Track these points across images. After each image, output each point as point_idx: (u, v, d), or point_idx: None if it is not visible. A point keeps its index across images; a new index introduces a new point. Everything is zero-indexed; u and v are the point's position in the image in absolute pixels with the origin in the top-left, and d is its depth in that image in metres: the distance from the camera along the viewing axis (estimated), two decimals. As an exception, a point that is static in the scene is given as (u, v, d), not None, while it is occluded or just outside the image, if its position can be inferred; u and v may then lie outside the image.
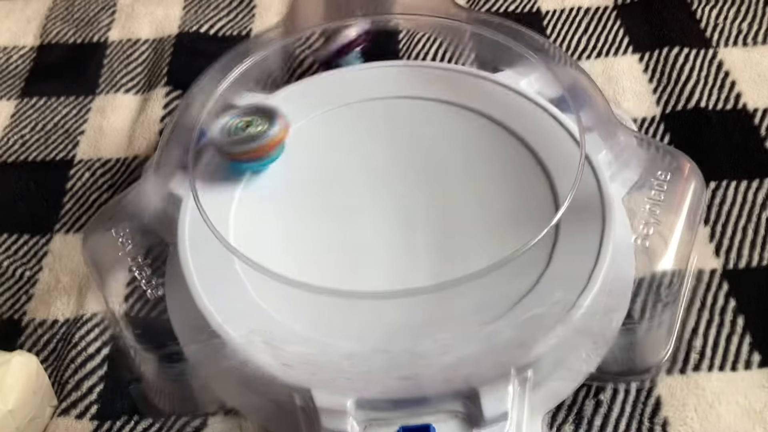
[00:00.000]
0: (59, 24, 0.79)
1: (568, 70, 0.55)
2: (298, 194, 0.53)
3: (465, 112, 0.57)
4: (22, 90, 0.72)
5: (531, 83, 0.58)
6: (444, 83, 0.59)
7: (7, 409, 0.45)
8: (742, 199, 0.57)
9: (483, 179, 0.53)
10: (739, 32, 0.70)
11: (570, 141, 0.53)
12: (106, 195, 0.63)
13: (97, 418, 0.49)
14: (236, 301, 0.47)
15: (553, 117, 0.55)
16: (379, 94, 0.59)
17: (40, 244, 0.60)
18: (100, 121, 0.69)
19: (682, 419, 0.46)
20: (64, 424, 0.49)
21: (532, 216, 0.50)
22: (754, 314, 0.51)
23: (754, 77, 0.66)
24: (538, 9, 0.75)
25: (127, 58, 0.74)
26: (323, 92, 0.60)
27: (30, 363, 0.47)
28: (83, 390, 0.50)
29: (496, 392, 0.42)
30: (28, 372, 0.47)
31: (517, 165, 0.53)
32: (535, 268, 0.46)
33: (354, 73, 0.61)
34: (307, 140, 0.56)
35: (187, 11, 0.78)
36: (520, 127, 0.55)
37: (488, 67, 0.61)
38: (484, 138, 0.55)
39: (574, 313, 0.44)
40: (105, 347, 0.52)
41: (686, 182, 0.48)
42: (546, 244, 0.47)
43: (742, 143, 0.61)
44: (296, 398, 0.43)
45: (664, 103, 0.65)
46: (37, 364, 0.48)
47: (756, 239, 0.55)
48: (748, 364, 0.48)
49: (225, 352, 0.45)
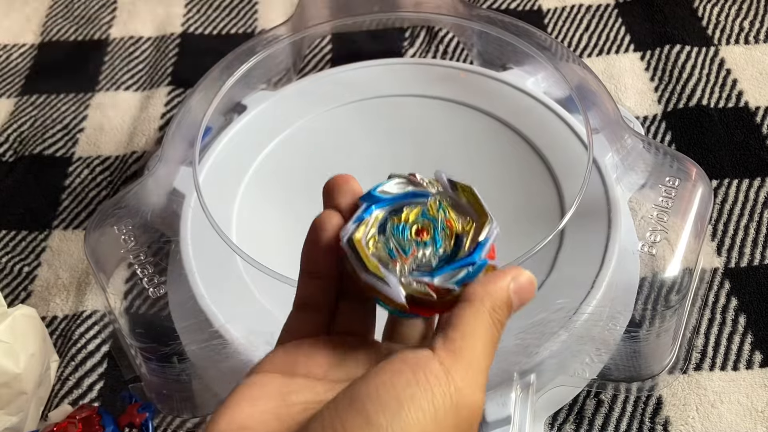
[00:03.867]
0: (60, 21, 0.78)
1: (575, 69, 0.55)
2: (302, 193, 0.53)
3: (470, 111, 0.57)
4: (22, 87, 0.72)
5: (538, 82, 0.58)
6: (449, 82, 0.59)
7: (17, 372, 0.45)
8: (743, 198, 0.57)
9: (488, 180, 0.53)
10: (741, 30, 0.70)
11: (576, 142, 0.53)
12: (104, 192, 0.63)
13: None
14: (239, 301, 0.46)
15: (559, 117, 0.55)
16: (383, 93, 0.59)
17: (38, 240, 0.60)
18: (100, 119, 0.68)
19: (684, 419, 0.46)
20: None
21: (537, 218, 0.50)
22: (755, 313, 0.51)
23: (755, 75, 0.66)
24: (540, 7, 0.74)
25: (129, 56, 0.74)
26: (329, 90, 0.59)
27: (33, 316, 0.47)
28: (84, 387, 0.50)
29: (498, 397, 0.42)
30: (34, 326, 0.46)
31: (523, 165, 0.53)
32: (540, 272, 0.46)
33: (359, 71, 0.61)
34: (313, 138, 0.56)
35: (189, 9, 0.78)
36: (526, 127, 0.55)
37: (495, 66, 0.60)
38: (489, 137, 0.55)
39: (577, 319, 0.44)
40: (105, 344, 0.52)
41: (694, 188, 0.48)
42: (551, 248, 0.47)
43: (743, 141, 0.61)
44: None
45: (666, 101, 0.64)
46: (37, 317, 0.48)
47: (758, 238, 0.55)
48: (749, 363, 0.49)
49: (227, 352, 0.44)
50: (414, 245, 0.29)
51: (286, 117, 0.57)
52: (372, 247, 0.29)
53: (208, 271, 0.47)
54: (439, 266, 0.29)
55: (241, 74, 0.54)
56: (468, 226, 0.29)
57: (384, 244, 0.29)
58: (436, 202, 0.30)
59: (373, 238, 0.29)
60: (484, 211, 0.29)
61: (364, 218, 0.29)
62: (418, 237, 0.29)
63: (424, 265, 0.29)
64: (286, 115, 0.57)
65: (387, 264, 0.28)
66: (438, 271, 0.28)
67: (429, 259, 0.29)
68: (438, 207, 0.30)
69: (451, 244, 0.29)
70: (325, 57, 0.71)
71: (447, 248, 0.29)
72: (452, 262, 0.29)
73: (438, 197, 0.30)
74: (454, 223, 0.30)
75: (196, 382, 0.48)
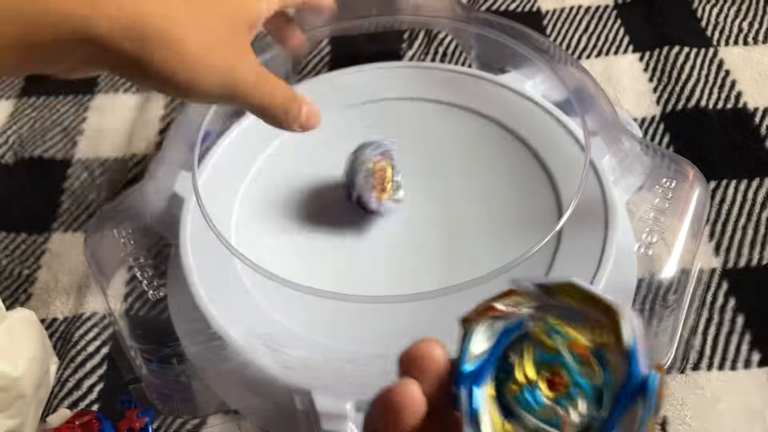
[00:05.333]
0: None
1: (573, 72, 0.55)
2: (301, 196, 0.53)
3: (468, 114, 0.57)
4: (22, 89, 0.72)
5: (536, 85, 0.58)
6: (448, 85, 0.59)
7: (16, 375, 0.44)
8: (742, 198, 0.57)
9: (486, 182, 0.53)
10: (740, 31, 0.70)
11: (574, 145, 0.53)
12: (104, 194, 0.63)
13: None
14: (238, 303, 0.46)
15: (557, 120, 0.55)
16: (382, 96, 0.59)
17: (38, 242, 0.60)
18: (99, 121, 0.69)
19: (681, 418, 0.46)
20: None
21: (535, 220, 0.50)
22: (753, 313, 0.51)
23: (754, 76, 0.66)
24: (539, 8, 0.74)
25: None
26: (327, 93, 0.60)
27: (31, 319, 0.47)
28: (83, 389, 0.50)
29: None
30: (32, 330, 0.46)
31: (521, 168, 0.53)
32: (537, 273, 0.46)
33: (358, 75, 0.61)
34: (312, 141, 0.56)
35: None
36: (523, 129, 0.55)
37: (493, 69, 0.60)
38: (487, 140, 0.55)
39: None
40: (104, 346, 0.52)
41: (691, 189, 0.48)
42: (548, 249, 0.47)
43: (742, 142, 0.61)
44: (296, 400, 0.43)
45: (665, 102, 0.64)
46: (36, 320, 0.48)
47: (756, 238, 0.55)
48: (747, 363, 0.49)
49: (226, 354, 0.45)
50: (558, 407, 0.21)
51: (284, 120, 0.57)
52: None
53: (207, 274, 0.47)
54: (611, 414, 0.20)
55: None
56: (599, 334, 0.21)
57: (523, 430, 0.21)
58: (544, 327, 0.22)
59: (503, 423, 0.21)
60: (603, 302, 0.21)
61: (477, 413, 0.21)
62: (555, 392, 0.21)
63: (591, 426, 0.21)
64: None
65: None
66: (613, 419, 0.20)
67: (589, 414, 0.21)
68: (548, 332, 0.22)
69: (596, 371, 0.21)
70: (323, 60, 0.71)
71: (594, 378, 0.21)
72: (617, 398, 0.20)
73: (539, 320, 0.22)
74: (582, 340, 0.22)
75: (196, 382, 0.48)
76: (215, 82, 0.35)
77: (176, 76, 0.33)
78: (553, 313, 0.22)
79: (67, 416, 0.46)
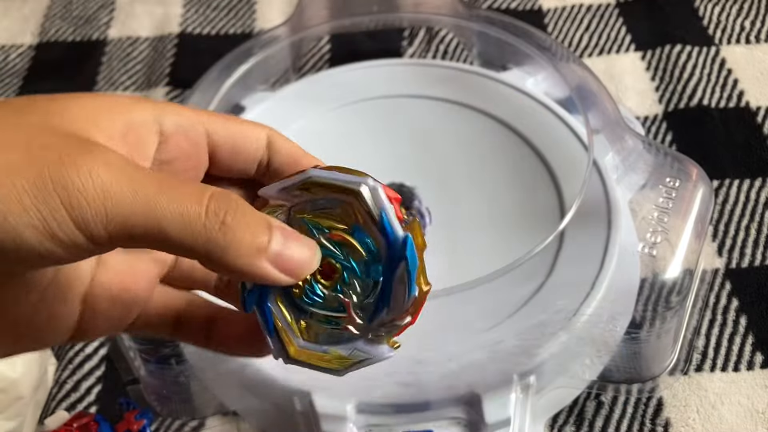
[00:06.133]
0: (58, 22, 0.78)
1: (575, 69, 0.55)
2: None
3: (470, 111, 0.56)
4: (20, 88, 0.72)
5: (538, 83, 0.58)
6: (449, 82, 0.59)
7: (14, 377, 0.44)
8: (744, 198, 0.57)
9: (488, 181, 0.52)
10: (742, 30, 0.69)
11: (577, 143, 0.53)
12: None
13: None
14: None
15: (559, 118, 0.55)
16: (383, 93, 0.58)
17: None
18: (98, 119, 0.68)
19: (684, 420, 0.46)
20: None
21: (537, 220, 0.49)
22: (756, 314, 0.51)
23: (756, 75, 0.65)
24: (540, 6, 0.74)
25: (126, 57, 0.74)
26: (328, 90, 0.59)
27: None
28: (82, 391, 0.50)
29: (498, 398, 0.42)
30: None
31: (523, 166, 0.53)
32: (539, 274, 0.46)
33: (358, 72, 0.61)
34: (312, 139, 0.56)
35: (187, 9, 0.78)
36: (525, 127, 0.54)
37: (495, 66, 0.60)
38: (489, 138, 0.55)
39: (577, 320, 0.44)
40: (102, 348, 0.52)
41: (694, 189, 0.47)
42: (550, 250, 0.47)
43: (744, 141, 0.61)
44: (296, 402, 0.42)
45: (667, 101, 0.64)
46: None
47: (759, 238, 0.55)
48: (750, 364, 0.48)
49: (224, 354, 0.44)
50: (338, 294, 0.23)
51: (284, 118, 0.57)
52: (305, 333, 0.23)
53: (206, 274, 0.47)
54: (384, 279, 0.23)
55: (240, 75, 0.54)
56: (351, 215, 0.23)
57: (317, 324, 0.23)
58: (302, 227, 0.23)
59: (299, 321, 0.23)
60: (341, 186, 0.23)
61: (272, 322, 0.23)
62: (331, 281, 0.23)
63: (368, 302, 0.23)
64: (284, 116, 0.57)
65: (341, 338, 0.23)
66: (386, 282, 0.22)
67: (365, 288, 0.23)
68: (308, 231, 0.23)
69: (359, 249, 0.23)
70: (323, 57, 0.71)
71: (359, 257, 0.23)
72: (385, 266, 0.23)
73: (296, 221, 0.23)
74: (338, 226, 0.23)
75: (195, 383, 0.47)
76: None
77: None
78: (307, 209, 0.23)
79: (65, 418, 0.46)
